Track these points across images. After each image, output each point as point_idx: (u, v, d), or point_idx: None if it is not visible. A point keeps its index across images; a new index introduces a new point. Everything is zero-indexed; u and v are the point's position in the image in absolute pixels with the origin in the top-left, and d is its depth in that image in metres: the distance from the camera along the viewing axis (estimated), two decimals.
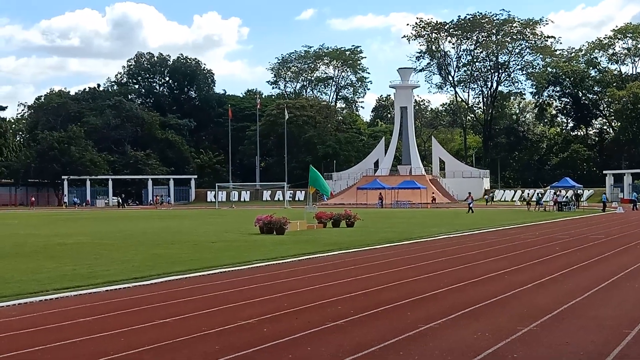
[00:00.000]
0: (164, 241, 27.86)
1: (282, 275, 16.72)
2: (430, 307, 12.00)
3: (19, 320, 11.03)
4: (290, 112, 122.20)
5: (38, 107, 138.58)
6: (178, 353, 8.72)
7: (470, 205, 65.96)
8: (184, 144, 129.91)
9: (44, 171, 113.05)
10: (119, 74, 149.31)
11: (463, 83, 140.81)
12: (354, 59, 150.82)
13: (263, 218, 32.21)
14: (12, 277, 15.95)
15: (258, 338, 9.52)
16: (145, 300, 12.99)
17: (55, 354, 8.73)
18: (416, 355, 8.50)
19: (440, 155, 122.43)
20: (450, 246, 25.38)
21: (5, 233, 34.74)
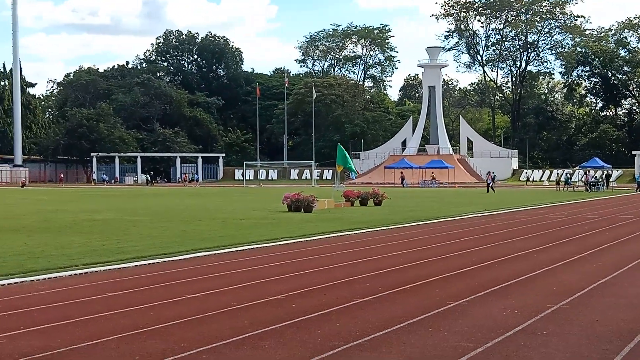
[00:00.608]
0: (192, 218, 28.00)
1: (309, 252, 16.74)
2: (459, 284, 11.97)
3: (49, 294, 11.13)
4: (318, 91, 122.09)
5: (67, 84, 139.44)
6: (207, 327, 8.77)
7: (490, 184, 65.64)
8: (212, 122, 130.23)
9: (73, 148, 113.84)
10: (148, 52, 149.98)
11: (492, 62, 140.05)
12: (382, 37, 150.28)
13: (291, 196, 32.25)
14: (42, 252, 16.08)
15: (287, 313, 9.55)
16: (174, 275, 13.06)
17: (87, 327, 8.80)
18: (445, 332, 8.49)
19: (468, 135, 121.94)
20: (478, 225, 25.30)
21: (34, 209, 35.05)
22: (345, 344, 7.91)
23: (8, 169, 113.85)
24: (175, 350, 7.63)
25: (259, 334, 8.38)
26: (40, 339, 8.14)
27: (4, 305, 10.16)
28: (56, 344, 7.88)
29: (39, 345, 7.86)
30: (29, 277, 12.60)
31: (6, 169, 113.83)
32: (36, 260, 14.66)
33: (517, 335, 8.33)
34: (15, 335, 8.33)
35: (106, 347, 7.82)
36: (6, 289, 11.61)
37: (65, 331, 8.56)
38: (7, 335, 8.33)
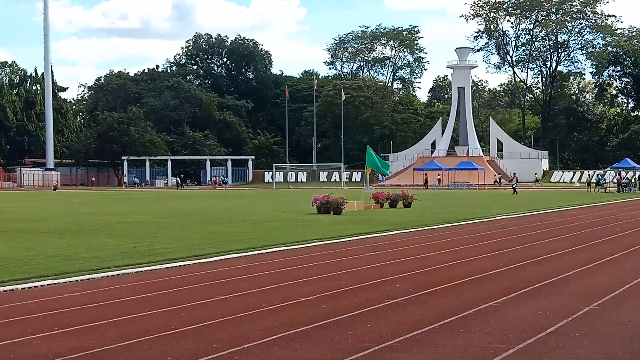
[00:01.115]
0: (222, 220, 28.10)
1: (339, 254, 16.75)
2: (490, 286, 11.94)
3: (82, 295, 11.22)
4: (347, 93, 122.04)
5: (98, 88, 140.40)
6: (239, 328, 8.81)
7: (514, 186, 65.27)
8: (242, 125, 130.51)
9: (104, 151, 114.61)
10: (178, 55, 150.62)
11: (522, 63, 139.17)
12: (411, 39, 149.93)
13: (320, 198, 32.28)
14: (74, 254, 16.23)
15: (318, 314, 9.57)
16: (205, 277, 13.12)
17: (119, 327, 8.88)
18: (476, 333, 8.47)
19: (498, 136, 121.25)
20: (509, 226, 25.19)
21: (67, 212, 35.35)
22: (376, 345, 7.92)
23: (40, 172, 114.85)
24: (207, 351, 7.68)
25: (290, 335, 8.41)
26: (74, 340, 8.22)
27: (38, 306, 10.27)
28: (89, 345, 7.96)
29: (72, 345, 7.93)
30: (62, 279, 12.73)
31: (38, 172, 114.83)
32: (69, 263, 14.79)
33: (549, 337, 8.29)
34: (49, 336, 8.41)
35: (139, 347, 7.88)
36: (40, 290, 11.73)
37: (98, 332, 8.64)
38: (42, 336, 8.42)
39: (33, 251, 16.81)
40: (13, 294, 11.38)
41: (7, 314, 9.75)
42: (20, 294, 11.38)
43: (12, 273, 13.26)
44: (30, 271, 13.53)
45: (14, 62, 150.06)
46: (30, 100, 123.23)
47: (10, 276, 12.87)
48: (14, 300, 10.76)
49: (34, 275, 13.07)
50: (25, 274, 13.13)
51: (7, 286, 11.91)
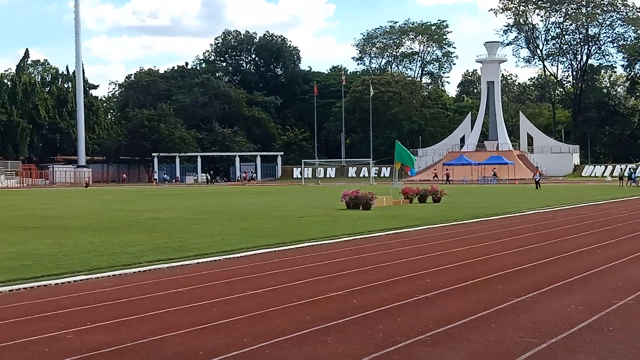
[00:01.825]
0: (252, 216, 28.18)
1: (369, 249, 16.74)
2: (521, 280, 11.88)
3: (114, 290, 11.31)
4: (375, 88, 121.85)
5: (128, 85, 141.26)
6: (270, 322, 8.84)
7: (538, 180, 64.92)
8: (271, 121, 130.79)
9: (134, 148, 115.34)
10: (207, 52, 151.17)
11: (552, 56, 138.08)
12: (439, 33, 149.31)
13: (349, 193, 32.25)
14: (106, 250, 16.35)
15: (348, 309, 9.57)
16: (235, 272, 13.17)
17: (151, 322, 8.94)
18: (508, 327, 8.43)
19: (528, 131, 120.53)
20: (540, 221, 25.04)
21: (98, 208, 35.61)
22: (407, 339, 7.91)
23: (72, 169, 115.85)
24: (238, 345, 7.71)
25: (320, 330, 8.42)
26: (107, 334, 8.29)
27: (71, 301, 10.37)
28: (122, 339, 8.03)
29: (105, 340, 8.00)
30: (95, 274, 12.83)
31: (70, 169, 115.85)
32: (101, 258, 14.91)
33: (582, 331, 8.24)
34: (83, 331, 8.49)
35: (171, 342, 7.93)
36: (73, 285, 11.84)
37: (130, 326, 8.71)
38: (75, 330, 8.50)
39: (66, 247, 16.96)
40: (47, 289, 11.50)
41: (41, 308, 9.85)
42: (53, 289, 11.50)
43: (45, 269, 13.39)
44: (63, 267, 13.66)
45: (46, 61, 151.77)
46: (62, 98, 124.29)
47: (44, 272, 13.00)
48: (47, 296, 10.86)
49: (67, 270, 13.19)
50: (59, 270, 13.26)
51: (41, 281, 12.04)
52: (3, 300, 10.57)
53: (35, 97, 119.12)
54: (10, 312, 9.62)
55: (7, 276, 12.48)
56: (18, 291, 11.31)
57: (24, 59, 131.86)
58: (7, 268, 13.49)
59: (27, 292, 11.24)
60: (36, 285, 11.72)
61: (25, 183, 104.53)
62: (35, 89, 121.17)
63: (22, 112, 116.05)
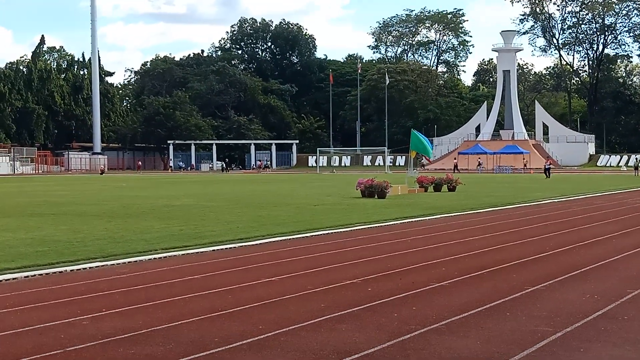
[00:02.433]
0: (267, 203, 28.21)
1: (384, 237, 16.73)
2: (536, 269, 11.85)
3: (130, 277, 11.35)
4: (391, 77, 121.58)
5: (144, 72, 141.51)
6: (285, 309, 8.85)
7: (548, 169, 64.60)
8: (286, 109, 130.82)
9: (150, 136, 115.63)
10: (223, 40, 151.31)
11: (568, 46, 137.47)
12: (455, 22, 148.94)
13: (364, 182, 32.23)
14: (122, 237, 16.41)
15: (363, 297, 9.58)
16: (250, 259, 13.19)
17: (167, 309, 8.97)
18: (524, 316, 8.42)
19: (544, 120, 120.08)
20: (555, 210, 24.96)
21: (114, 195, 35.74)
22: (422, 327, 7.91)
23: (87, 156, 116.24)
24: (254, 332, 7.73)
25: (335, 317, 8.43)
26: (122, 321, 8.32)
27: (87, 287, 10.41)
28: (137, 326, 8.06)
29: (121, 326, 8.03)
30: (110, 261, 12.88)
31: (86, 156, 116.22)
32: (116, 245, 14.97)
33: (597, 320, 8.22)
34: (98, 317, 8.53)
35: (186, 328, 7.96)
36: (89, 272, 11.89)
37: (146, 313, 8.74)
38: (91, 316, 8.54)
39: (81, 233, 17.03)
40: (62, 276, 11.55)
41: (56, 295, 9.90)
42: (69, 276, 11.55)
43: (61, 255, 13.46)
44: (78, 253, 13.72)
45: (61, 47, 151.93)
46: (77, 85, 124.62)
47: (59, 258, 13.06)
48: (63, 282, 10.92)
49: (82, 257, 13.25)
50: (74, 256, 13.32)
51: (57, 268, 12.09)
52: (19, 286, 10.63)
53: (50, 83, 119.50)
54: (26, 298, 9.67)
55: (22, 262, 12.54)
56: (34, 277, 11.37)
57: (40, 45, 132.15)
58: (22, 254, 13.56)
59: (43, 279, 11.30)
60: (52, 272, 11.77)
61: (40, 170, 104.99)
62: (51, 75, 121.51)
63: (37, 98, 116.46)
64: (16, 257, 13.11)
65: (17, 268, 11.99)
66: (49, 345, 7.32)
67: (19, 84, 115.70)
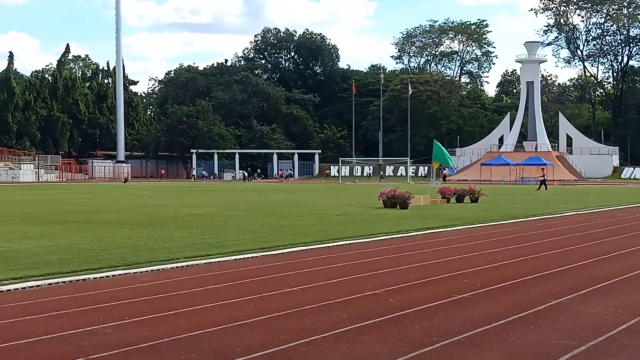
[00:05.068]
0: (289, 213, 28.23)
1: (406, 248, 16.69)
2: (560, 282, 11.77)
3: (152, 286, 11.38)
4: (413, 87, 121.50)
5: (168, 82, 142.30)
6: (306, 320, 8.84)
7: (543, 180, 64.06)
8: (309, 119, 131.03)
9: (173, 144, 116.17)
10: (246, 50, 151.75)
11: (592, 57, 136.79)
12: (479, 33, 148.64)
13: (387, 192, 32.19)
14: (144, 245, 16.46)
15: (385, 308, 9.55)
16: (272, 269, 13.20)
17: (189, 318, 8.98)
18: (546, 330, 8.36)
19: (568, 131, 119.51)
20: (578, 223, 24.80)
21: (137, 204, 35.88)
22: (444, 339, 7.88)
23: (111, 164, 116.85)
24: (275, 343, 7.73)
25: (357, 328, 8.41)
26: (145, 329, 8.35)
27: (110, 296, 10.45)
28: (160, 334, 8.08)
29: (143, 335, 8.06)
30: (133, 269, 12.92)
31: (109, 164, 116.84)
32: (139, 253, 15.02)
33: (621, 334, 8.15)
34: (121, 325, 8.56)
35: (208, 337, 7.97)
36: (111, 280, 11.94)
37: (168, 322, 8.76)
38: (113, 325, 8.57)
39: (104, 242, 17.10)
40: (85, 284, 11.60)
41: (79, 303, 9.94)
42: (92, 284, 11.60)
43: (84, 263, 13.52)
44: (101, 261, 13.78)
45: (87, 56, 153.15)
46: (102, 94, 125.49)
47: (83, 266, 13.12)
48: (86, 290, 10.96)
49: (105, 265, 13.30)
50: (97, 264, 13.38)
51: (80, 276, 12.15)
52: (42, 293, 10.69)
53: (75, 92, 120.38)
54: (49, 306, 9.72)
55: (46, 270, 12.61)
56: (57, 285, 11.43)
57: (65, 54, 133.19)
58: (46, 262, 13.63)
59: (66, 286, 11.35)
60: (75, 280, 11.83)
61: (64, 177, 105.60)
62: (76, 84, 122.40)
63: (62, 107, 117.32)
64: (40, 265, 13.19)
65: (41, 275, 12.06)
66: (71, 353, 7.35)
67: (44, 92, 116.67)
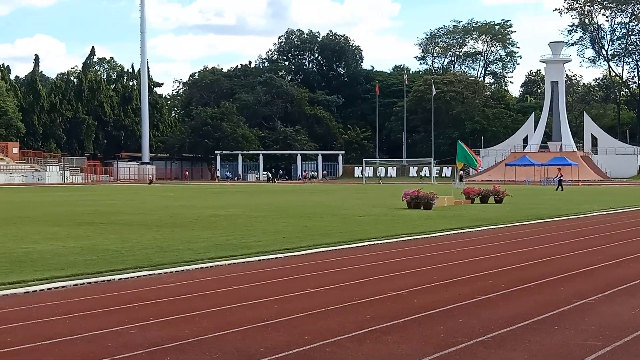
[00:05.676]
0: (313, 214, 28.24)
1: (430, 249, 16.65)
2: (585, 282, 11.71)
3: (176, 286, 11.42)
4: (437, 88, 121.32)
5: (192, 83, 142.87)
6: (330, 320, 8.84)
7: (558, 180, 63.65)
8: (332, 120, 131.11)
9: (197, 146, 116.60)
10: (270, 51, 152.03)
11: (617, 57, 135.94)
12: (503, 33, 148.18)
13: (410, 193, 32.12)
14: (169, 246, 16.52)
15: (409, 308, 9.54)
16: (296, 270, 13.21)
17: (213, 318, 9.01)
18: (572, 330, 8.32)
19: (593, 132, 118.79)
20: (604, 223, 24.64)
21: (162, 205, 36.03)
22: (468, 340, 7.85)
23: (136, 166, 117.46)
24: (299, 343, 7.73)
25: (381, 329, 8.40)
26: (169, 330, 8.38)
27: (134, 296, 10.50)
28: (184, 335, 8.10)
29: (167, 335, 8.09)
30: (157, 270, 12.97)
31: (134, 166, 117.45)
32: (164, 254, 15.07)
33: None
34: (145, 326, 8.60)
35: (232, 338, 7.99)
36: (135, 281, 11.99)
37: (192, 322, 8.79)
38: (138, 325, 8.61)
39: (129, 243, 17.19)
40: (110, 284, 11.66)
41: (104, 303, 9.99)
42: (117, 284, 11.66)
43: (109, 264, 13.59)
44: (126, 262, 13.85)
45: (112, 58, 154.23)
46: (127, 96, 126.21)
47: (108, 267, 13.19)
48: (111, 290, 11.02)
49: (130, 266, 13.36)
50: (122, 265, 13.45)
51: (105, 276, 12.21)
52: (68, 294, 10.75)
53: (100, 94, 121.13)
54: (74, 307, 9.78)
55: (71, 271, 12.68)
56: (82, 286, 11.49)
57: (90, 56, 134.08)
58: (71, 263, 13.72)
59: (92, 287, 11.41)
60: (100, 280, 11.89)
61: (90, 179, 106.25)
62: (101, 86, 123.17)
63: (87, 109, 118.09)
64: (65, 266, 13.27)
65: (66, 276, 12.13)
66: (97, 353, 7.40)
67: (69, 94, 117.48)
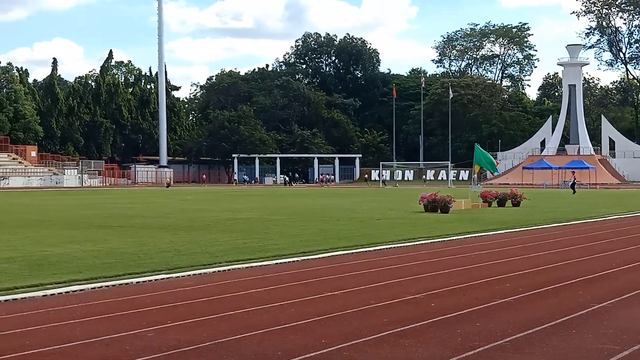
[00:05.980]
0: (330, 217, 28.25)
1: (447, 252, 16.63)
2: (603, 286, 11.66)
3: (194, 290, 11.45)
4: (454, 91, 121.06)
5: (210, 87, 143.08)
6: (347, 324, 8.85)
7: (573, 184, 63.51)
8: (349, 123, 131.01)
9: (215, 149, 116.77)
10: (287, 55, 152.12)
11: (635, 60, 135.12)
12: (520, 36, 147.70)
13: (427, 196, 32.09)
14: (186, 250, 16.57)
15: (426, 312, 9.54)
16: (313, 273, 13.22)
17: (230, 322, 9.04)
18: (590, 334, 8.29)
19: (610, 135, 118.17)
20: (622, 227, 24.53)
21: (179, 208, 36.13)
22: (486, 344, 7.84)
23: (154, 169, 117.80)
24: (317, 346, 7.74)
25: (398, 332, 8.41)
26: (187, 333, 8.41)
27: (152, 300, 10.54)
28: (202, 338, 8.13)
29: (185, 338, 8.12)
30: (175, 273, 13.02)
31: (152, 169, 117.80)
32: (181, 257, 15.12)
33: None
34: (163, 329, 8.63)
35: (250, 341, 8.00)
36: (153, 284, 12.03)
37: (210, 326, 8.82)
38: (156, 328, 8.64)
39: (147, 246, 17.25)
40: (128, 287, 11.71)
41: (122, 307, 10.04)
42: (135, 288, 11.71)
43: (127, 267, 13.65)
44: (144, 265, 13.91)
45: (129, 62, 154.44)
46: (144, 99, 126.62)
47: (125, 270, 13.25)
48: (129, 294, 11.07)
49: (147, 269, 13.41)
50: (140, 268, 13.50)
51: (123, 280, 12.27)
52: (86, 297, 10.81)
53: (118, 97, 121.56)
54: (92, 310, 9.82)
55: (89, 274, 12.75)
56: (100, 289, 11.53)
57: (108, 60, 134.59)
58: (89, 266, 13.79)
59: (109, 290, 11.45)
60: (118, 284, 11.94)
61: (107, 182, 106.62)
62: (119, 89, 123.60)
63: (105, 112, 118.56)
64: (83, 269, 13.34)
65: (84, 279, 12.19)
66: (114, 356, 7.44)
67: (87, 98, 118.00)
